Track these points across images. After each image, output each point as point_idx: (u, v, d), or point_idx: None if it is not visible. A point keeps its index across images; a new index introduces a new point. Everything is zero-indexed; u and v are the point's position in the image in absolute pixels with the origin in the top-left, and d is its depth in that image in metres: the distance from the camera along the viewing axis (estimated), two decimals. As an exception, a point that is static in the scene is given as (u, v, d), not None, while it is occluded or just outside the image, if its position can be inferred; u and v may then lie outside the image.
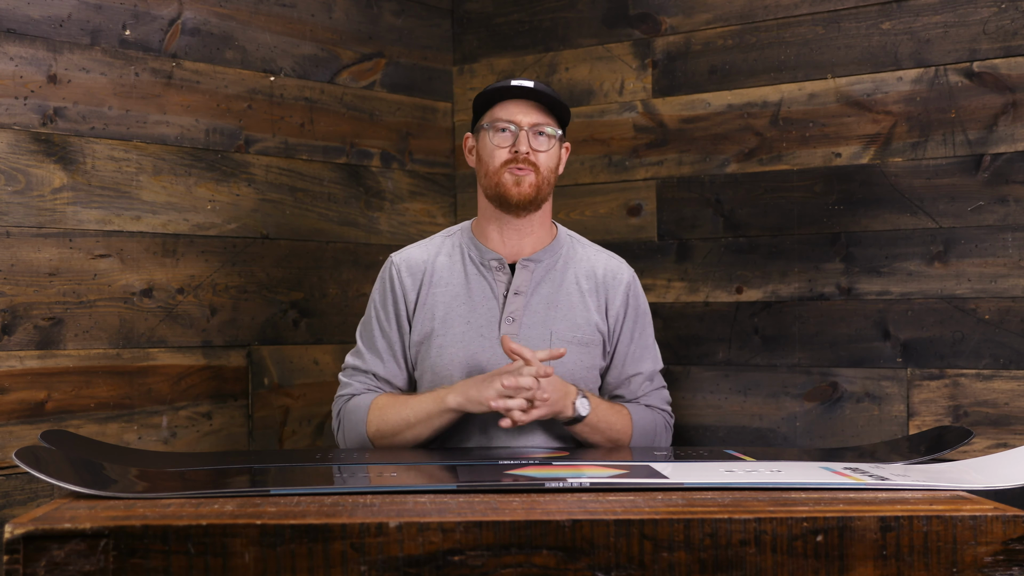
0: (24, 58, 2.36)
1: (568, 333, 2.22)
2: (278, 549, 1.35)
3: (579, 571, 1.37)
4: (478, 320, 2.21)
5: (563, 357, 2.13)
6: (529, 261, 2.24)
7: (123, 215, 2.52)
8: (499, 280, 2.23)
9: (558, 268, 2.27)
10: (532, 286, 2.23)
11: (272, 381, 2.80)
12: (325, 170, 2.94)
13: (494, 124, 2.19)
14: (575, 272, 2.27)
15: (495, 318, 2.21)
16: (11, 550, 1.32)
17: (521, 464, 1.82)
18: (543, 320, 2.21)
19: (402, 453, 2.14)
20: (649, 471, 1.72)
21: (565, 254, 2.29)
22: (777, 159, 2.78)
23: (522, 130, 2.18)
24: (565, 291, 2.25)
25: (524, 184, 2.18)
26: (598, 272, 2.29)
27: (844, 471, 1.72)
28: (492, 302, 2.22)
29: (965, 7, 2.55)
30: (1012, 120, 2.50)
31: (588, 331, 2.24)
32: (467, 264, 2.26)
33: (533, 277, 2.24)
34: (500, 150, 2.19)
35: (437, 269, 2.26)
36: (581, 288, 2.26)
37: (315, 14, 2.92)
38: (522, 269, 2.23)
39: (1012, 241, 2.49)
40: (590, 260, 2.30)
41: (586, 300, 2.25)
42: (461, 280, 2.24)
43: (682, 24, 2.91)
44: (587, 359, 2.23)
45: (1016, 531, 1.41)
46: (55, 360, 2.40)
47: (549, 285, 2.25)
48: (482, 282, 2.23)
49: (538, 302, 2.22)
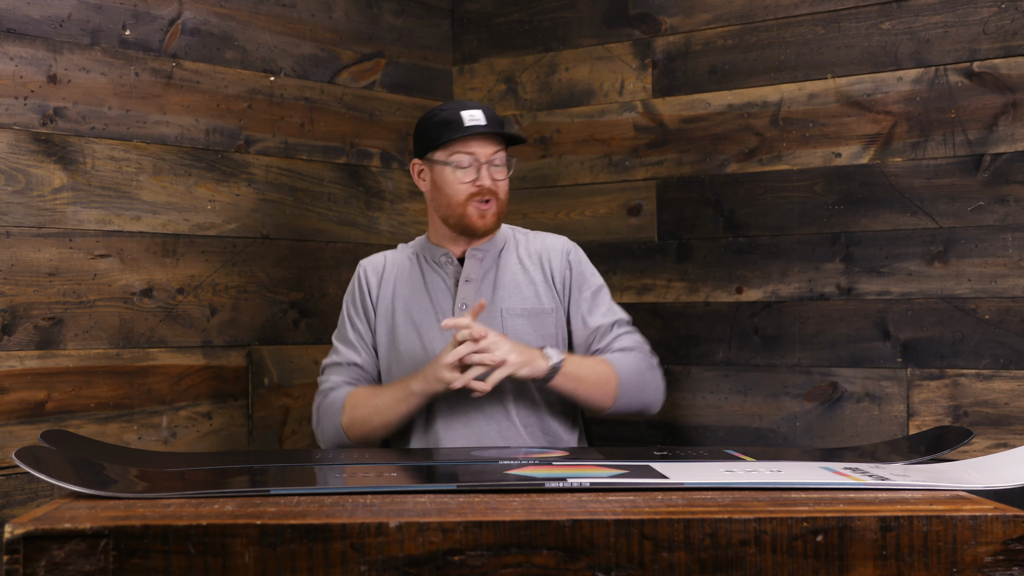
0: (24, 58, 2.36)
1: (517, 306, 2.32)
2: (278, 549, 1.35)
3: (579, 571, 1.37)
4: (434, 308, 2.34)
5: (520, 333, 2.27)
6: (476, 251, 2.36)
7: (123, 215, 2.52)
8: (449, 272, 2.36)
9: (503, 254, 2.39)
10: (480, 273, 2.35)
11: (272, 381, 2.80)
12: (325, 170, 2.94)
13: (454, 161, 2.30)
14: (517, 254, 2.39)
15: (449, 306, 2.33)
16: (11, 550, 1.32)
17: (521, 464, 1.82)
18: (492, 301, 2.33)
19: (402, 454, 2.14)
20: (649, 471, 1.72)
21: (508, 241, 2.41)
22: (777, 159, 2.78)
23: (483, 164, 2.29)
24: (510, 271, 2.36)
25: (488, 216, 2.31)
26: (536, 247, 2.40)
27: (844, 471, 1.72)
28: (445, 292, 2.35)
29: (965, 7, 2.55)
30: (1012, 120, 2.50)
31: (536, 302, 2.34)
32: (422, 263, 2.40)
33: (482, 265, 2.36)
34: (463, 185, 2.31)
35: (397, 268, 2.41)
36: (524, 266, 2.37)
37: (315, 14, 2.92)
38: (470, 259, 2.36)
39: (1012, 241, 2.49)
40: (530, 241, 2.42)
41: (530, 275, 2.36)
42: (418, 277, 2.38)
43: (682, 24, 2.91)
44: (540, 328, 2.32)
45: (1016, 531, 1.40)
46: (55, 360, 2.40)
47: (496, 270, 2.37)
48: (435, 276, 2.37)
49: (487, 286, 2.34)
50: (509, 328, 2.29)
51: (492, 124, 2.29)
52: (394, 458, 2.04)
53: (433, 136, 2.31)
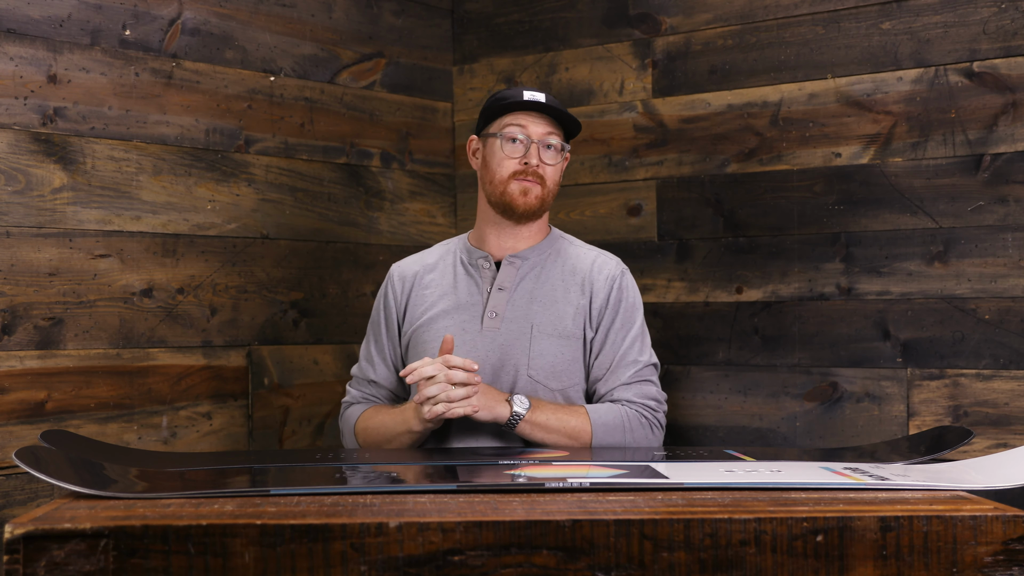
0: (24, 58, 2.36)
1: (549, 326, 2.23)
2: (278, 549, 1.35)
3: (579, 571, 1.37)
4: (462, 315, 2.26)
5: (547, 353, 2.19)
6: (515, 257, 2.28)
7: (123, 215, 2.52)
8: (484, 277, 2.28)
9: (544, 265, 2.30)
10: (516, 281, 2.27)
11: (272, 381, 2.80)
12: (325, 170, 2.94)
13: (505, 133, 2.22)
14: (561, 268, 2.29)
15: (478, 313, 2.25)
16: (11, 550, 1.32)
17: (521, 464, 1.82)
18: (524, 314, 2.24)
19: (402, 454, 2.14)
20: (649, 471, 1.72)
21: (553, 251, 2.32)
22: (777, 159, 2.78)
23: (533, 142, 2.22)
24: (549, 285, 2.27)
25: (531, 196, 2.23)
26: (583, 267, 2.30)
27: (844, 471, 1.72)
28: (477, 298, 2.27)
29: (965, 7, 2.55)
30: (1012, 120, 2.50)
31: (570, 325, 2.24)
32: (457, 265, 2.33)
33: (518, 273, 2.27)
34: (510, 160, 2.23)
35: (428, 270, 2.34)
36: (566, 283, 2.28)
37: (315, 14, 2.92)
38: (507, 265, 2.28)
39: (1012, 241, 2.49)
40: (577, 257, 2.32)
41: (569, 295, 2.27)
42: (450, 280, 2.31)
43: (682, 24, 2.91)
44: (568, 352, 2.24)
45: (1016, 531, 1.41)
46: (55, 360, 2.40)
47: (532, 280, 2.28)
48: (468, 280, 2.29)
49: (521, 296, 2.26)
50: (535, 348, 2.21)
51: (553, 104, 2.23)
52: (394, 458, 2.05)
53: (491, 111, 2.26)
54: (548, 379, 2.21)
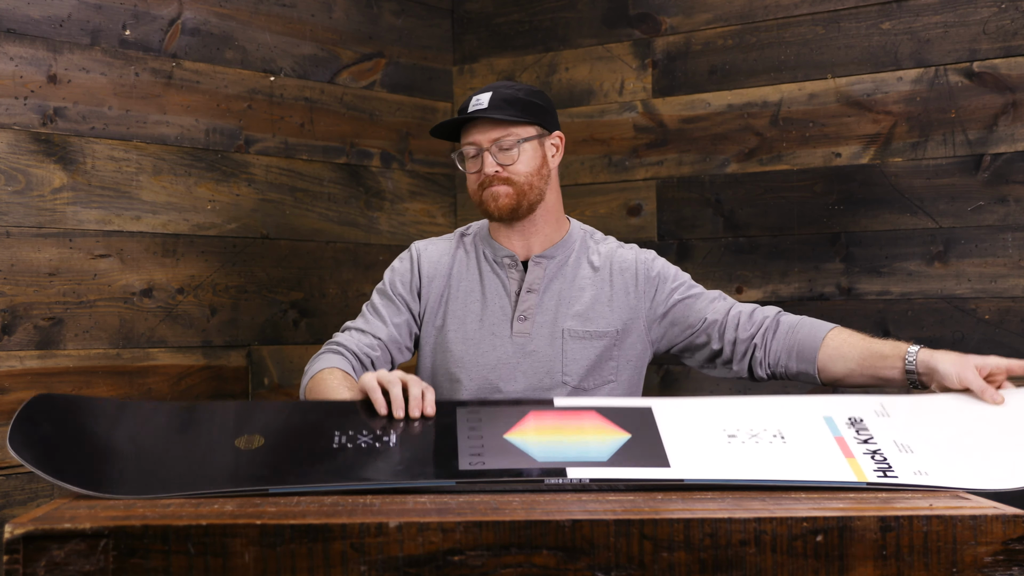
0: (24, 58, 2.36)
1: (579, 328, 2.21)
2: (278, 549, 1.35)
3: (579, 571, 1.37)
4: (490, 318, 2.22)
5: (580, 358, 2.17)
6: (541, 258, 2.24)
7: (123, 215, 2.52)
8: (512, 278, 2.24)
9: (570, 263, 2.26)
10: (544, 283, 2.23)
11: (272, 381, 2.80)
12: (325, 170, 2.94)
13: (463, 153, 2.22)
14: (587, 266, 2.26)
15: (507, 316, 2.22)
16: (11, 550, 1.32)
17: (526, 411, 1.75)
18: (554, 318, 2.21)
19: None
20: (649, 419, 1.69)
21: (578, 248, 2.28)
22: (777, 159, 2.78)
23: (484, 150, 2.18)
24: (577, 286, 2.24)
25: (501, 199, 2.19)
26: (614, 264, 2.26)
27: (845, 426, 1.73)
28: (504, 300, 2.23)
29: (965, 7, 2.55)
30: (1012, 120, 2.50)
31: (601, 324, 2.21)
32: (481, 262, 2.27)
33: (546, 274, 2.24)
34: (472, 175, 2.22)
35: (455, 264, 2.28)
36: (594, 281, 2.24)
37: (315, 14, 2.92)
38: (535, 266, 2.24)
39: (1012, 241, 2.49)
40: (603, 254, 2.28)
41: (599, 293, 2.23)
42: (476, 278, 2.26)
43: (682, 24, 2.91)
44: (602, 351, 2.20)
45: (1016, 531, 1.40)
46: (55, 360, 2.40)
47: (561, 281, 2.24)
48: (495, 280, 2.25)
49: (550, 299, 2.22)
50: (568, 351, 2.18)
51: (493, 107, 2.17)
52: None
53: (446, 133, 2.24)
54: (583, 381, 2.20)
